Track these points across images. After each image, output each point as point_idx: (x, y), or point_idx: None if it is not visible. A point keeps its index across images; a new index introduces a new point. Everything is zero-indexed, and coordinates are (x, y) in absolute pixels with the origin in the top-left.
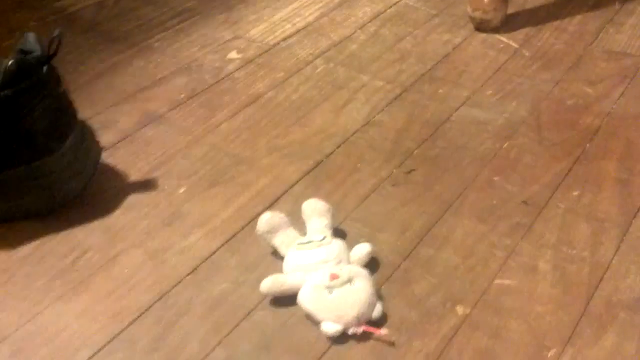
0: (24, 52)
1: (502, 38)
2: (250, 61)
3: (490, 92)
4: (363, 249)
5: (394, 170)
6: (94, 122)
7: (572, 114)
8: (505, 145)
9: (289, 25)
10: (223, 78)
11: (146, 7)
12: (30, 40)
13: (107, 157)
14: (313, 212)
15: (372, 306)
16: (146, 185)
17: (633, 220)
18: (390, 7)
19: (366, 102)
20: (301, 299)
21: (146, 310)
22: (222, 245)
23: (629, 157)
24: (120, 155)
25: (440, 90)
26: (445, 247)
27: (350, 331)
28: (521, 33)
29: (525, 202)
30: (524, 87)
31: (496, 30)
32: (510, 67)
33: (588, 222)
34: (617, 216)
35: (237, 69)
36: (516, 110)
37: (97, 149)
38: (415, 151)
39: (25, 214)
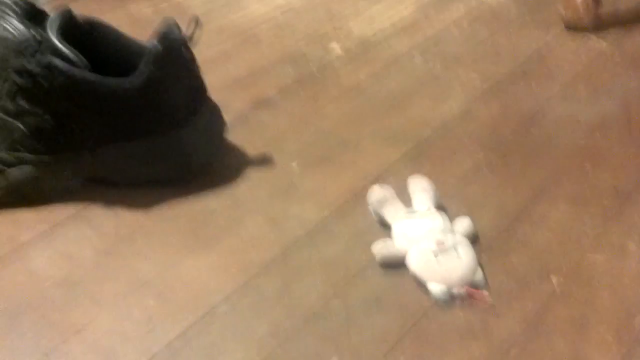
0: (164, 35)
1: (594, 38)
2: (349, 51)
3: (582, 87)
4: (465, 222)
5: (490, 154)
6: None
7: None
8: (596, 135)
9: (384, 18)
10: (326, 68)
11: (253, 2)
12: (170, 24)
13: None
14: (418, 187)
15: (473, 270)
16: (262, 159)
17: None
18: (483, 3)
19: (462, 93)
20: (410, 262)
21: (269, 264)
22: (332, 213)
23: None
24: (237, 134)
25: (533, 85)
26: (540, 226)
27: (455, 290)
28: (611, 33)
29: (615, 188)
30: (614, 85)
31: (587, 29)
32: (601, 65)
33: None
34: None
35: (338, 60)
36: (607, 105)
37: (222, 124)
38: (510, 138)
39: (163, 179)
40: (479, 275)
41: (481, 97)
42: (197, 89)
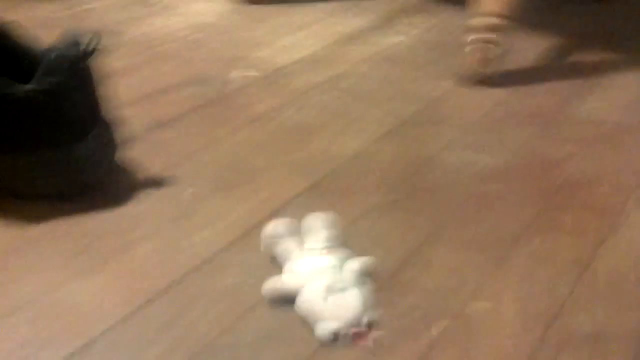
0: (64, 47)
1: (493, 90)
2: (254, 81)
3: (481, 135)
4: (357, 262)
5: (387, 195)
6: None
7: (553, 167)
8: (492, 183)
9: (293, 52)
10: (228, 94)
11: (155, 16)
12: (71, 37)
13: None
14: (315, 224)
15: (362, 312)
16: (157, 182)
17: (585, 269)
18: (390, 47)
19: (366, 130)
20: (299, 302)
21: (158, 293)
22: (227, 244)
23: (588, 212)
24: (133, 153)
25: (435, 129)
26: (428, 270)
27: (343, 332)
28: (511, 89)
29: (504, 235)
30: (512, 137)
31: (487, 82)
32: (498, 114)
33: (545, 269)
34: (572, 263)
35: (241, 87)
36: (504, 154)
37: (115, 143)
38: (408, 181)
39: (54, 193)
40: (369, 316)
41: (384, 136)
42: (93, 104)
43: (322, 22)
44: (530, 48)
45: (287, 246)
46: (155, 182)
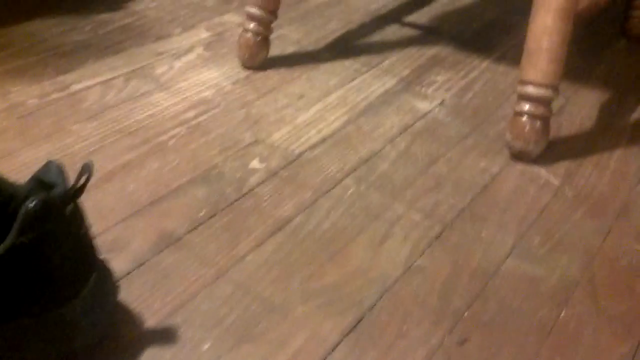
0: (42, 184)
1: (542, 171)
2: (274, 174)
3: (537, 241)
4: None
5: (446, 339)
6: (102, 242)
7: (628, 276)
8: (562, 314)
9: (313, 132)
10: (246, 193)
11: (158, 92)
12: (52, 171)
13: (120, 290)
14: None
15: None
16: (166, 335)
17: None
18: (419, 119)
19: (405, 239)
20: None
21: None
22: None
23: None
24: (135, 289)
25: (484, 233)
26: None
27: None
28: (561, 167)
29: None
30: (573, 238)
31: (535, 161)
32: (555, 210)
33: None
34: None
35: (260, 183)
36: (568, 268)
37: (115, 293)
38: (466, 313)
39: None
40: None
41: (427, 248)
42: (84, 256)
43: (343, 88)
44: (581, 111)
45: None
46: (164, 336)
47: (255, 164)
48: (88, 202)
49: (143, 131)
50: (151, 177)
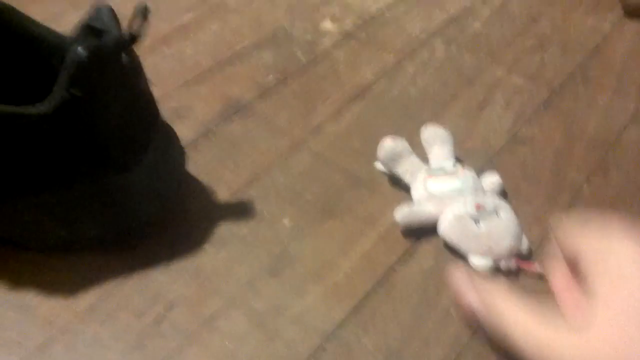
0: (93, 30)
1: None
2: (349, 35)
3: None
4: (494, 178)
5: (562, 213)
6: (164, 109)
7: None
8: None
9: None
10: (318, 56)
11: None
12: (104, 16)
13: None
14: (435, 139)
15: (520, 239)
16: (240, 209)
17: None
18: None
19: (507, 107)
20: (445, 231)
21: None
22: (350, 314)
23: None
24: (201, 158)
25: (599, 99)
26: None
27: (502, 265)
28: None
29: None
30: None
31: None
32: None
33: None
34: None
35: (334, 45)
36: None
37: (181, 159)
38: (585, 185)
39: (90, 241)
40: (525, 244)
41: (533, 113)
42: (145, 114)
43: None
44: None
45: (412, 165)
46: (237, 210)
47: (327, 24)
48: (143, 66)
49: None
50: (211, 40)
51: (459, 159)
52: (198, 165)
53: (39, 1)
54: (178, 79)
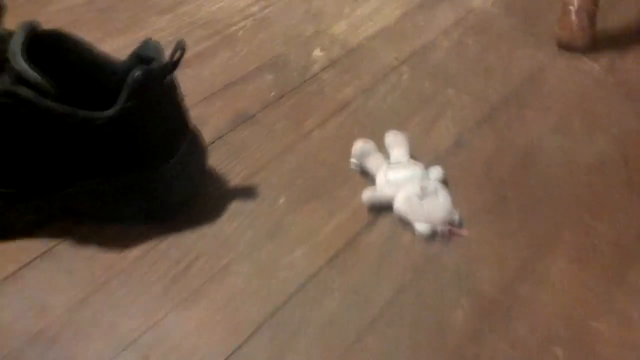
0: (141, 59)
1: (587, 60)
2: (335, 62)
3: (577, 120)
4: (438, 170)
5: (488, 197)
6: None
7: None
8: (594, 180)
9: (371, 24)
10: (310, 78)
11: None
12: (151, 47)
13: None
14: (395, 141)
15: (453, 212)
16: (247, 192)
17: None
18: (472, 13)
19: (454, 120)
20: (397, 207)
21: (260, 326)
22: (327, 263)
23: None
24: (218, 156)
25: (527, 115)
26: (542, 286)
27: (439, 230)
28: (605, 57)
29: (615, 244)
30: (610, 119)
31: (581, 51)
32: (595, 95)
33: None
34: None
35: (323, 69)
36: (603, 143)
37: (205, 155)
38: (507, 179)
39: (140, 218)
40: (456, 215)
41: (475, 126)
42: (179, 121)
43: None
44: (629, 8)
45: (376, 161)
46: (245, 192)
47: (317, 53)
48: None
49: (213, 24)
50: (223, 65)
51: (413, 157)
52: (215, 160)
53: (76, 30)
54: (197, 95)
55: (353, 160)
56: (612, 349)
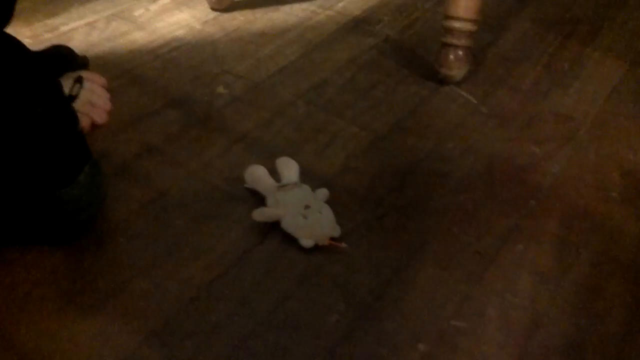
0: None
1: (463, 93)
2: (237, 98)
3: (451, 146)
4: (323, 191)
5: (368, 214)
6: (94, 150)
7: (522, 171)
8: (463, 198)
9: (272, 64)
10: (213, 113)
11: (137, 31)
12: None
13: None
14: (286, 165)
15: (335, 228)
16: (146, 215)
17: (566, 275)
18: (365, 53)
19: (343, 147)
20: (284, 223)
21: (153, 334)
22: (218, 277)
23: (569, 216)
24: (120, 184)
25: (408, 142)
26: (410, 290)
27: (320, 242)
28: (480, 89)
29: (478, 252)
30: (481, 144)
31: (458, 84)
32: (469, 123)
33: (530, 275)
34: (554, 270)
35: (225, 105)
36: (473, 165)
37: (105, 180)
38: (386, 198)
39: (41, 240)
40: (338, 230)
41: (360, 153)
42: (79, 146)
43: (300, 27)
44: (506, 45)
45: (267, 183)
46: (145, 215)
47: (221, 90)
48: None
49: (124, 64)
50: (133, 101)
51: (303, 180)
52: (118, 187)
53: None
54: (105, 129)
55: (246, 184)
56: (470, 343)
